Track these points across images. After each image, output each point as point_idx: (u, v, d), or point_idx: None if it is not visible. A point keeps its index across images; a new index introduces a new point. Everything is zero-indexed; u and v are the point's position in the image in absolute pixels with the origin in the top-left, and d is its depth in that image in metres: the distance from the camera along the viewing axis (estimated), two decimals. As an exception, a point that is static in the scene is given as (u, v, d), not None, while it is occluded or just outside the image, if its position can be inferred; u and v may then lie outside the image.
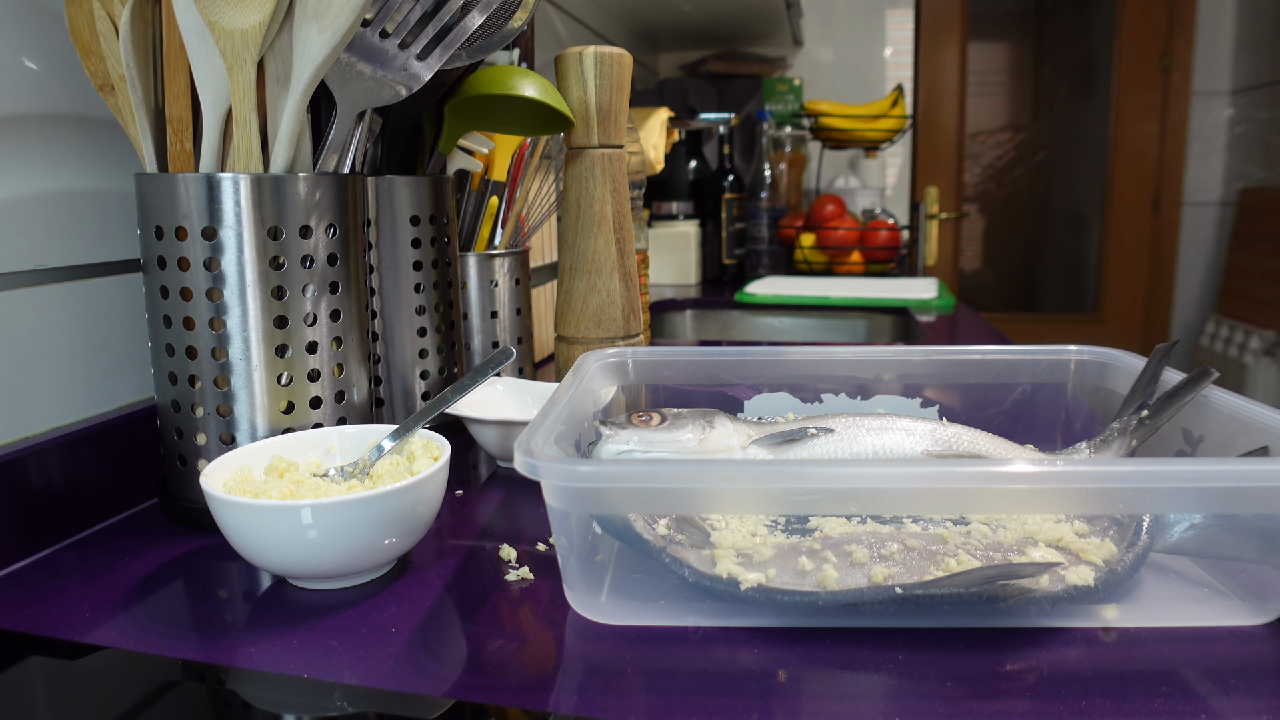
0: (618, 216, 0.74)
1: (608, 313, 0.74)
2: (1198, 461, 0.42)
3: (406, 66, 0.60)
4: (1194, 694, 0.38)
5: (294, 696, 0.39)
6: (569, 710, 0.37)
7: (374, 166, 0.71)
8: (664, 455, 0.53)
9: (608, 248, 0.73)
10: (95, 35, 0.54)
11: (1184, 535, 0.46)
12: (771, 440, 0.56)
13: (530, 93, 0.70)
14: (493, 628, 0.45)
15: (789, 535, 0.49)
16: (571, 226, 0.74)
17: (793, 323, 1.65)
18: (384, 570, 0.50)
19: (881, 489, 0.43)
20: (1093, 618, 0.44)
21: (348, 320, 0.58)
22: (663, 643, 0.43)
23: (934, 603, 0.42)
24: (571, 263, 0.74)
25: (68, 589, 0.49)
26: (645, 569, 0.48)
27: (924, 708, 0.37)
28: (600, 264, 0.74)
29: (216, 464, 0.50)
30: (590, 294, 0.74)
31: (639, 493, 0.44)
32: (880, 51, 2.51)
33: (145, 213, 0.54)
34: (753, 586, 0.43)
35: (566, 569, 0.45)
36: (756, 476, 0.42)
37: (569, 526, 0.44)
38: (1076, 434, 0.63)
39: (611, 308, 0.74)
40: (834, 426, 0.57)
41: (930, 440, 0.56)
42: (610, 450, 0.53)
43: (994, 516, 0.50)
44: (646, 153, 1.47)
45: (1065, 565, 0.44)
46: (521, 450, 0.42)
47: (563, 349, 0.76)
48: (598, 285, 0.74)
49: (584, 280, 0.74)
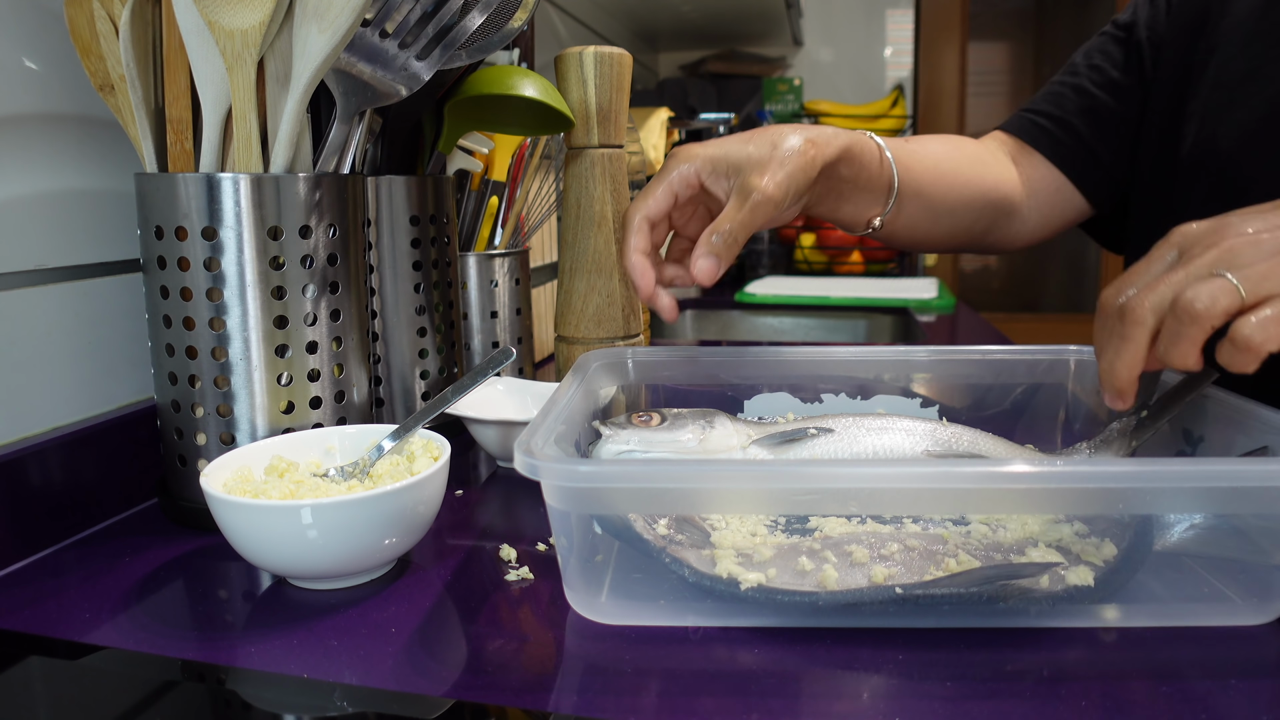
0: (618, 216, 0.74)
1: (608, 313, 0.74)
2: (1197, 462, 0.42)
3: (406, 66, 0.60)
4: (1194, 694, 0.38)
5: (294, 696, 0.39)
6: (569, 710, 0.37)
7: (374, 166, 0.71)
8: (664, 455, 0.53)
9: (608, 247, 0.73)
10: (95, 35, 0.54)
11: (1184, 535, 0.46)
12: (771, 440, 0.56)
13: (530, 93, 0.70)
14: (492, 628, 0.45)
15: (789, 535, 0.49)
16: (572, 226, 0.74)
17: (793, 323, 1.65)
18: (384, 570, 0.50)
19: (881, 489, 0.43)
20: (1093, 618, 0.44)
21: (348, 320, 0.58)
22: (662, 643, 0.43)
23: (934, 603, 0.42)
24: (572, 263, 0.74)
25: (68, 589, 0.49)
26: (645, 569, 0.48)
27: (924, 707, 0.37)
28: (600, 264, 0.74)
29: (216, 464, 0.50)
30: (590, 294, 0.74)
31: (639, 493, 0.44)
32: (880, 51, 2.51)
33: (145, 213, 0.54)
34: (753, 586, 0.43)
35: (566, 569, 0.45)
36: (756, 476, 0.42)
37: (569, 526, 0.44)
38: (1076, 434, 0.63)
39: (612, 308, 0.74)
40: (834, 427, 0.57)
41: (930, 440, 0.56)
42: (610, 450, 0.53)
43: (994, 517, 0.50)
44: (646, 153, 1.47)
45: (1065, 565, 0.44)
46: (521, 450, 0.42)
47: (563, 349, 0.76)
48: (598, 285, 0.74)
49: (584, 280, 0.74)
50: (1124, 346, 0.46)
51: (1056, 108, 0.85)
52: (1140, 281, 0.48)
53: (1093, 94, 0.83)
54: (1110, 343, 0.47)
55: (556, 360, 0.78)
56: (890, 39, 2.50)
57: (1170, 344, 0.45)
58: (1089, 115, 0.83)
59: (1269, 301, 0.43)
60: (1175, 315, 0.44)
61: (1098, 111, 0.82)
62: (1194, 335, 0.44)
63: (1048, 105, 0.85)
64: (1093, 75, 0.83)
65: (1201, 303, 0.43)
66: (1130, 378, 0.47)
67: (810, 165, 0.61)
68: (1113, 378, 0.47)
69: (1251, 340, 0.42)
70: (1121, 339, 0.46)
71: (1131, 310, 0.46)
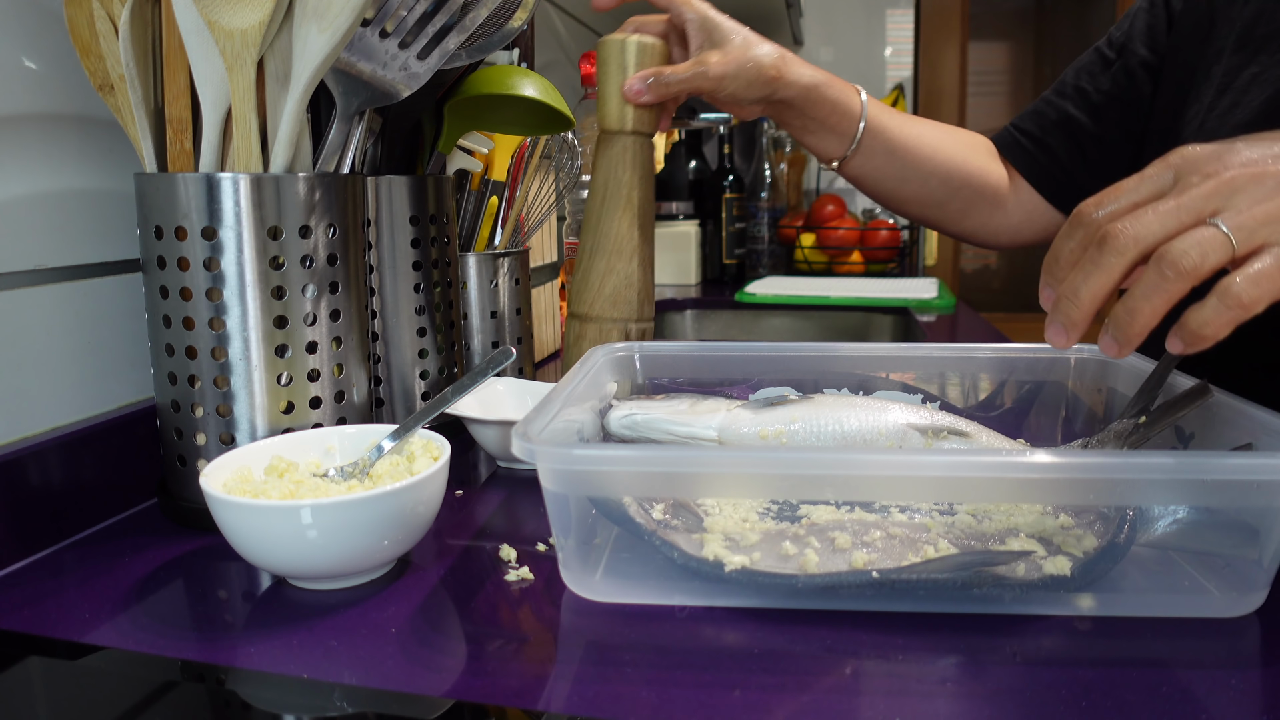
0: (644, 203, 0.75)
1: (624, 295, 0.75)
2: (1174, 455, 0.42)
3: (406, 66, 0.60)
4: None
5: (294, 696, 0.39)
6: (569, 710, 0.37)
7: (374, 166, 0.71)
8: (659, 418, 0.59)
9: (630, 232, 0.74)
10: (95, 35, 0.54)
11: (1168, 529, 0.47)
12: (755, 404, 0.60)
13: (530, 93, 0.70)
14: (492, 628, 0.45)
15: (779, 522, 0.51)
16: (597, 209, 0.75)
17: (793, 323, 1.65)
18: (384, 570, 0.50)
19: (864, 475, 0.44)
20: (1069, 606, 0.44)
21: (347, 320, 0.58)
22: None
23: (910, 587, 0.44)
24: (594, 243, 0.75)
25: (67, 589, 0.49)
26: (636, 550, 0.50)
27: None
28: (622, 247, 0.74)
29: (216, 464, 0.50)
30: (609, 275, 0.75)
31: (632, 476, 0.45)
32: (880, 51, 2.51)
33: (145, 213, 0.54)
34: (736, 569, 0.45)
35: (562, 550, 0.47)
36: (746, 461, 0.44)
37: (564, 509, 0.45)
38: (1076, 433, 0.63)
39: (629, 290, 0.75)
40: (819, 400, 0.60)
41: (913, 414, 0.58)
42: (615, 417, 0.60)
43: (980, 507, 0.51)
44: (646, 153, 1.47)
45: (1043, 555, 0.45)
46: (518, 435, 0.44)
47: (575, 326, 0.77)
48: (617, 267, 0.75)
49: (604, 261, 0.75)
50: (1095, 273, 0.42)
51: (1038, 127, 0.88)
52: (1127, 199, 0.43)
53: (1074, 117, 0.85)
54: (1082, 266, 0.43)
55: (565, 337, 0.79)
56: (890, 39, 2.50)
57: (1145, 293, 0.40)
58: (1069, 138, 0.85)
59: (1261, 253, 0.40)
60: (1159, 268, 0.40)
61: (1077, 135, 0.85)
62: (1175, 291, 0.40)
63: (1031, 124, 0.88)
64: (1076, 98, 0.86)
65: (1190, 260, 0.40)
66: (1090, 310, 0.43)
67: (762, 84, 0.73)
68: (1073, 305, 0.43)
69: (1242, 298, 0.39)
70: (1095, 264, 0.42)
71: (1114, 236, 0.41)
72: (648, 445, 0.58)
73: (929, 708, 0.37)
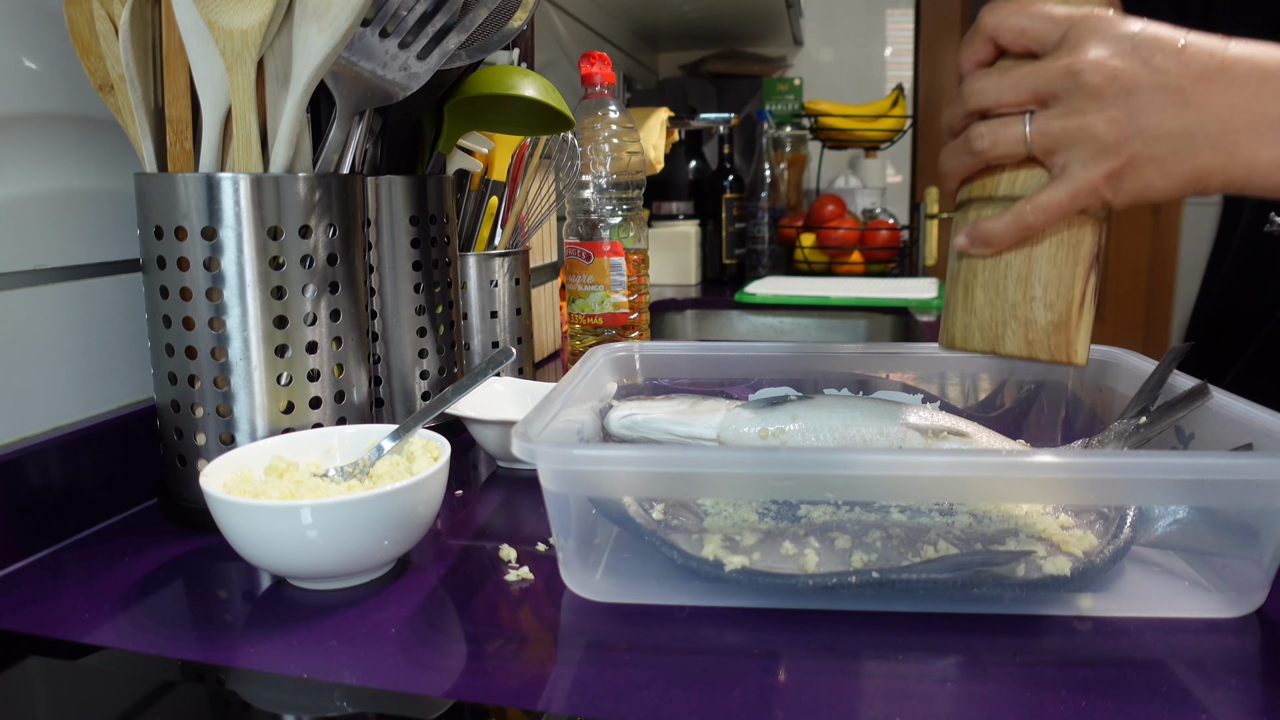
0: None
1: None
2: (1177, 455, 0.43)
3: (406, 66, 0.60)
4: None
5: (294, 696, 0.39)
6: (569, 710, 0.37)
7: (374, 166, 0.71)
8: (660, 416, 0.59)
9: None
10: (95, 35, 0.54)
11: (1168, 529, 0.47)
12: (755, 404, 0.60)
13: (530, 92, 0.70)
14: (492, 628, 0.45)
15: (779, 522, 0.51)
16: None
17: (793, 323, 1.65)
18: (384, 570, 0.50)
19: (864, 475, 0.44)
20: (1069, 606, 0.45)
21: (347, 320, 0.58)
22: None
23: (909, 587, 0.44)
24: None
25: (67, 589, 0.49)
26: (637, 550, 0.50)
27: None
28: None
29: (216, 464, 0.50)
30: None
31: (632, 476, 0.45)
32: (880, 51, 2.51)
33: (145, 213, 0.54)
34: (736, 569, 0.45)
35: (562, 550, 0.47)
36: (746, 461, 0.44)
37: (564, 509, 0.45)
38: (1077, 433, 0.63)
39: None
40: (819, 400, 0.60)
41: (913, 415, 0.58)
42: (615, 417, 0.60)
43: (980, 507, 0.51)
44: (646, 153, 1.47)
45: (1042, 555, 0.45)
46: (518, 435, 0.44)
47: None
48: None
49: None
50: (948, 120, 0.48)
51: None
52: (1016, 23, 0.45)
53: None
54: (953, 103, 0.47)
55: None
56: (890, 39, 2.50)
57: (946, 154, 0.46)
58: None
59: (1059, 180, 0.43)
60: (965, 136, 0.45)
61: None
62: (968, 163, 0.45)
63: None
64: None
65: (982, 143, 0.44)
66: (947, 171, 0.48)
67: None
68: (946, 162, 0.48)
69: (1027, 217, 0.44)
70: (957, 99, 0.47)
71: (961, 94, 0.46)
72: (648, 445, 0.58)
73: (929, 708, 0.37)
